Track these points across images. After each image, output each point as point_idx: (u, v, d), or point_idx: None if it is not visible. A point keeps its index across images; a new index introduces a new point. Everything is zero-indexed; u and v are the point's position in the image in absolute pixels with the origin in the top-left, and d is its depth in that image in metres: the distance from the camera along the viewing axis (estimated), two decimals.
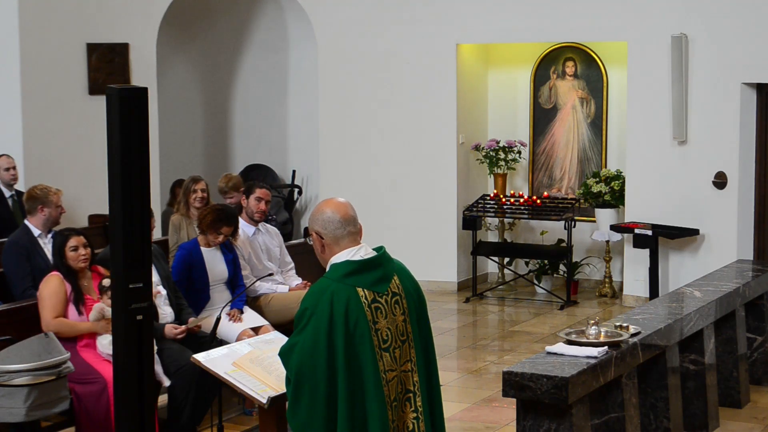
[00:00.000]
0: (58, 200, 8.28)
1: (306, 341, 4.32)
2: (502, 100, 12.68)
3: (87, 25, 11.45)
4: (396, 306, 4.42)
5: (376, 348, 4.35)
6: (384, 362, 4.36)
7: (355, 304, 4.33)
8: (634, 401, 6.37)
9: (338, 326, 4.29)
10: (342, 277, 4.36)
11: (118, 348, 5.52)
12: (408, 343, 4.45)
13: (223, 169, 13.80)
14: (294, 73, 13.46)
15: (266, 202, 8.36)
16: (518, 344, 10.01)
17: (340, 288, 4.34)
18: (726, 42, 10.75)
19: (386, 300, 4.40)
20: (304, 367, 4.31)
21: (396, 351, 4.40)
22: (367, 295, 4.36)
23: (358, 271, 4.38)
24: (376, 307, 4.37)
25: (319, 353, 4.28)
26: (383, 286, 4.41)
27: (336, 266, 4.41)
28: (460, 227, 12.14)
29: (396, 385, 4.40)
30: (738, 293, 8.01)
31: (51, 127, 11.23)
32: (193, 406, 7.03)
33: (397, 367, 4.40)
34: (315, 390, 4.29)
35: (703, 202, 10.95)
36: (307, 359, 4.30)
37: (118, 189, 5.40)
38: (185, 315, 7.47)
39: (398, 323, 4.42)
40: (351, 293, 4.34)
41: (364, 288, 4.37)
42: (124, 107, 5.37)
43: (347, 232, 4.43)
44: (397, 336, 4.41)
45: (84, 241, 7.02)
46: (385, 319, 4.38)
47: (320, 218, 4.45)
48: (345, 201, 4.50)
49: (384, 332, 4.38)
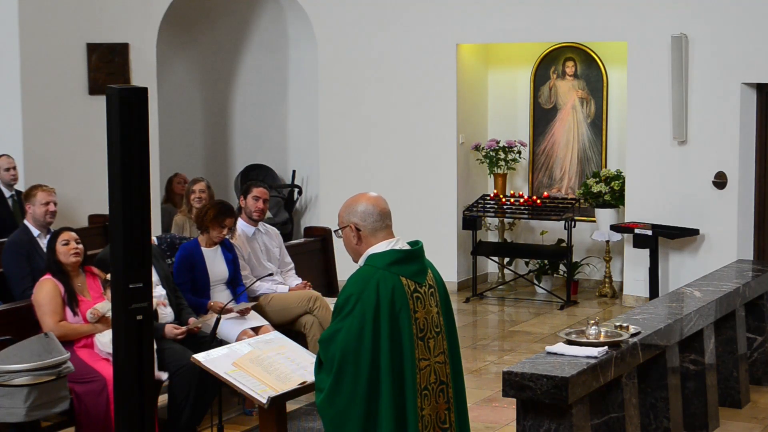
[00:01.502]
0: (46, 198, 8.25)
1: (353, 326, 4.38)
2: (502, 100, 12.68)
3: (87, 25, 11.45)
4: (431, 298, 4.55)
5: (414, 336, 4.45)
6: (419, 351, 4.46)
7: (399, 292, 4.43)
8: (634, 401, 6.37)
9: (384, 312, 4.39)
10: (387, 266, 4.45)
11: (118, 348, 5.52)
12: (441, 335, 4.57)
13: (223, 168, 13.81)
14: (294, 73, 13.45)
15: (264, 200, 8.37)
16: (518, 344, 10.01)
17: (385, 276, 4.43)
18: (726, 42, 10.75)
19: (424, 291, 4.52)
20: (348, 352, 4.37)
21: (430, 341, 4.51)
22: (410, 285, 4.47)
23: (403, 260, 4.49)
24: (416, 297, 4.49)
25: (365, 338, 4.36)
26: (422, 277, 4.54)
27: (379, 255, 4.49)
28: (460, 227, 12.14)
29: (428, 374, 4.50)
30: (738, 293, 8.01)
31: (51, 127, 11.23)
32: (193, 406, 7.03)
33: (431, 357, 4.51)
34: (358, 375, 4.37)
35: (703, 202, 10.95)
36: (353, 344, 4.37)
37: (118, 189, 5.40)
38: (185, 315, 7.47)
39: (433, 315, 4.54)
40: (396, 281, 4.44)
41: (407, 277, 4.47)
42: (124, 107, 5.36)
43: (385, 224, 4.53)
44: (432, 327, 4.53)
45: (75, 236, 7.03)
46: (423, 309, 4.50)
47: (358, 210, 4.51)
48: (378, 195, 4.60)
49: (422, 321, 4.49)
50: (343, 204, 4.58)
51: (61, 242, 6.96)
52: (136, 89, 5.48)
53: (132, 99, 5.41)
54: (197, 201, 9.20)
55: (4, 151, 10.67)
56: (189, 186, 9.51)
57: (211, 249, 7.83)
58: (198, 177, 9.83)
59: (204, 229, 7.81)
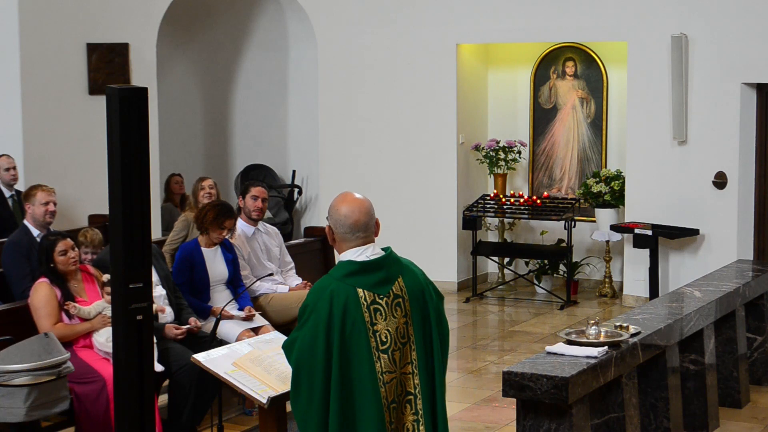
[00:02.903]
0: (46, 198, 8.25)
1: (305, 337, 4.38)
2: (502, 100, 12.68)
3: (87, 25, 11.44)
4: (397, 308, 4.43)
5: (374, 349, 4.37)
6: (382, 364, 4.38)
7: (353, 305, 4.36)
8: (634, 401, 6.37)
9: (335, 325, 4.34)
10: (343, 277, 4.39)
11: (118, 348, 5.52)
12: (409, 345, 4.45)
13: (223, 168, 13.81)
14: (294, 73, 13.45)
15: (263, 200, 8.37)
16: (518, 344, 10.01)
17: (340, 287, 4.37)
18: (726, 42, 10.75)
19: (387, 302, 4.41)
20: (302, 363, 4.38)
21: (395, 353, 4.41)
22: (367, 296, 4.38)
23: (360, 272, 4.40)
24: (375, 309, 4.39)
25: (316, 350, 4.34)
26: (385, 288, 4.42)
27: (339, 265, 4.46)
28: (460, 227, 12.14)
29: (395, 387, 4.41)
30: (738, 293, 8.01)
31: (51, 127, 11.22)
32: (193, 406, 7.03)
33: (397, 369, 4.42)
34: (312, 384, 4.36)
35: (703, 202, 10.94)
36: (306, 355, 4.36)
37: (118, 189, 5.39)
38: (185, 315, 7.47)
39: (399, 325, 4.43)
40: (350, 293, 4.37)
41: (365, 289, 4.39)
42: (124, 107, 5.36)
43: (355, 237, 4.43)
44: (397, 338, 4.42)
45: (71, 243, 7.01)
46: (384, 321, 4.40)
47: (334, 216, 4.45)
48: (362, 200, 4.46)
49: (383, 334, 4.39)
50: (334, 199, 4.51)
51: (59, 252, 6.93)
52: (136, 89, 5.47)
53: (132, 99, 5.40)
54: (207, 197, 9.26)
55: (4, 151, 10.67)
56: (196, 184, 9.54)
57: (211, 249, 7.83)
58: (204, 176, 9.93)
59: (203, 230, 7.81)
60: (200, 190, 9.41)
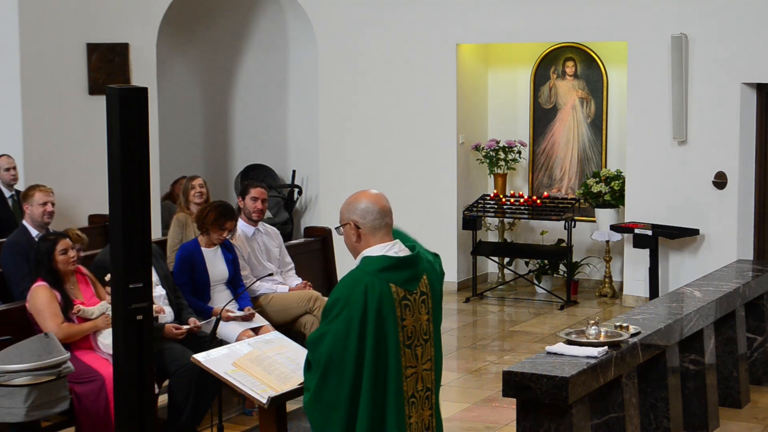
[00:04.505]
0: (44, 198, 8.24)
1: (339, 330, 4.36)
2: (502, 100, 12.68)
3: (87, 25, 11.44)
4: (422, 305, 4.51)
5: (401, 344, 4.43)
6: (406, 358, 4.44)
7: (387, 299, 4.40)
8: (634, 401, 6.37)
9: (370, 318, 4.36)
10: (377, 272, 4.42)
11: (118, 348, 5.52)
12: (430, 342, 4.54)
13: (223, 168, 13.82)
14: (294, 73, 13.45)
15: (263, 201, 8.36)
16: (518, 344, 10.01)
17: (374, 282, 4.40)
18: (726, 42, 10.75)
19: (414, 299, 4.48)
20: (334, 356, 4.36)
21: (418, 349, 4.48)
22: (399, 292, 4.43)
23: (394, 267, 4.44)
24: (405, 305, 4.44)
25: (350, 343, 4.35)
26: (414, 284, 4.48)
27: (371, 259, 4.45)
28: (460, 227, 12.14)
29: (415, 382, 4.48)
30: (738, 293, 8.01)
31: (51, 127, 11.22)
32: (193, 406, 7.03)
33: (418, 365, 4.48)
34: (342, 379, 4.36)
35: (703, 202, 10.95)
36: (339, 348, 4.36)
37: (118, 189, 5.39)
38: (185, 315, 7.47)
39: (422, 322, 4.50)
40: (384, 288, 4.40)
41: (397, 285, 4.43)
42: (124, 107, 5.36)
43: (384, 223, 4.48)
44: (420, 334, 4.50)
45: (70, 243, 7.01)
46: (411, 317, 4.46)
47: (359, 208, 4.47)
48: (380, 192, 4.56)
49: (409, 329, 4.46)
50: (345, 201, 4.55)
51: (59, 251, 6.92)
52: (136, 89, 5.47)
53: (132, 99, 5.40)
54: (198, 196, 9.21)
55: (4, 151, 10.67)
56: (187, 183, 9.46)
57: (211, 249, 7.83)
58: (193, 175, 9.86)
59: (204, 231, 7.80)
60: (191, 189, 9.31)
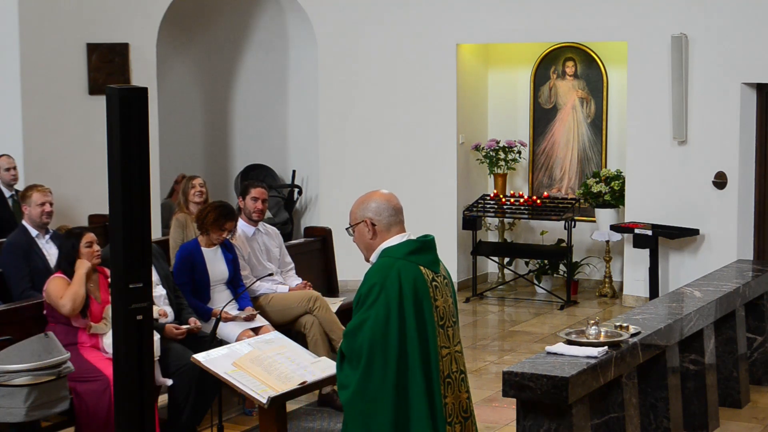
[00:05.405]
0: (42, 198, 8.25)
1: (379, 315, 4.43)
2: (502, 100, 12.68)
3: (87, 25, 11.44)
4: (446, 288, 4.64)
5: (436, 324, 4.53)
6: (440, 339, 4.54)
7: (420, 281, 4.52)
8: (634, 401, 6.37)
9: (408, 300, 4.46)
10: (406, 255, 4.53)
11: (118, 348, 5.52)
12: (457, 324, 4.67)
13: (223, 168, 13.81)
14: (294, 73, 13.45)
15: (263, 201, 8.37)
16: (518, 344, 10.01)
17: (405, 265, 4.51)
18: (726, 42, 10.75)
19: (440, 281, 4.62)
20: (376, 342, 4.42)
21: (449, 330, 4.60)
22: (428, 273, 4.56)
23: (419, 250, 4.57)
24: (435, 286, 4.57)
25: (391, 326, 4.43)
26: (437, 267, 4.63)
27: (395, 246, 4.57)
28: (460, 227, 12.14)
29: (450, 363, 4.57)
30: (738, 293, 8.01)
31: (51, 127, 11.22)
32: (193, 406, 7.04)
33: (451, 346, 4.59)
34: (387, 364, 4.42)
35: (703, 202, 10.95)
36: (380, 333, 4.42)
37: (118, 189, 5.40)
38: (185, 315, 7.48)
39: (449, 304, 4.64)
40: (416, 270, 4.53)
41: (425, 266, 4.56)
42: (124, 107, 5.36)
43: (399, 219, 4.63)
44: (449, 316, 4.62)
45: (95, 237, 7.05)
46: (441, 298, 4.59)
47: (372, 206, 4.60)
48: (390, 192, 4.70)
49: (441, 310, 4.58)
50: (356, 201, 4.65)
51: (85, 244, 6.96)
52: (136, 89, 5.47)
53: (132, 99, 5.40)
54: (198, 195, 9.26)
55: (4, 151, 10.67)
56: (187, 183, 9.50)
57: (211, 249, 7.83)
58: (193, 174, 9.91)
59: (204, 231, 7.81)
60: (191, 188, 9.36)
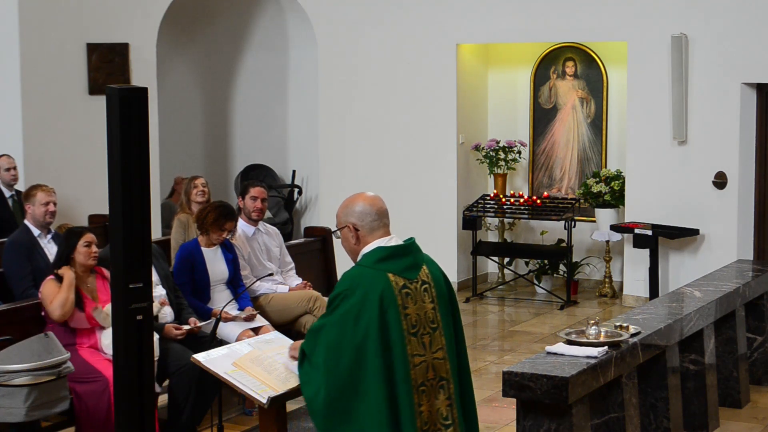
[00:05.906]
0: (46, 198, 8.25)
1: (336, 322, 4.43)
2: (502, 100, 12.68)
3: (87, 25, 11.44)
4: (425, 294, 4.57)
5: (405, 332, 4.47)
6: (411, 346, 4.48)
7: (387, 289, 4.46)
8: (634, 401, 6.37)
9: (372, 310, 4.42)
10: (374, 263, 4.50)
11: (118, 348, 5.52)
12: (438, 330, 4.59)
13: (223, 168, 13.81)
14: (294, 73, 13.45)
15: (262, 200, 8.36)
16: (518, 344, 10.01)
17: (372, 273, 4.48)
18: (726, 42, 10.75)
19: (416, 287, 4.54)
20: (331, 347, 4.43)
21: (425, 337, 4.53)
22: (398, 281, 4.50)
23: (390, 257, 4.52)
24: (406, 293, 4.51)
25: (346, 334, 4.40)
26: (413, 273, 4.55)
27: (368, 254, 4.54)
28: (460, 227, 12.14)
29: (425, 370, 4.51)
30: (738, 293, 8.01)
31: (51, 127, 11.22)
32: (193, 406, 7.03)
33: (427, 353, 4.53)
34: (339, 369, 4.40)
35: (703, 202, 10.95)
36: (335, 340, 4.42)
37: (118, 189, 5.39)
38: (185, 315, 7.47)
39: (427, 310, 4.56)
40: (383, 278, 4.47)
41: (395, 273, 4.50)
42: (124, 107, 5.36)
43: (383, 223, 4.58)
44: (426, 323, 4.55)
45: (95, 239, 7.05)
46: (414, 305, 4.52)
47: (356, 210, 4.56)
48: (376, 194, 4.65)
49: (413, 317, 4.51)
50: (341, 204, 4.62)
51: (83, 243, 6.96)
52: (136, 89, 5.47)
53: (132, 99, 5.40)
54: (200, 195, 9.26)
55: (4, 151, 10.67)
56: (189, 183, 9.51)
57: (211, 249, 7.83)
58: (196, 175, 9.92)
59: (204, 231, 7.80)
60: (193, 188, 9.37)
